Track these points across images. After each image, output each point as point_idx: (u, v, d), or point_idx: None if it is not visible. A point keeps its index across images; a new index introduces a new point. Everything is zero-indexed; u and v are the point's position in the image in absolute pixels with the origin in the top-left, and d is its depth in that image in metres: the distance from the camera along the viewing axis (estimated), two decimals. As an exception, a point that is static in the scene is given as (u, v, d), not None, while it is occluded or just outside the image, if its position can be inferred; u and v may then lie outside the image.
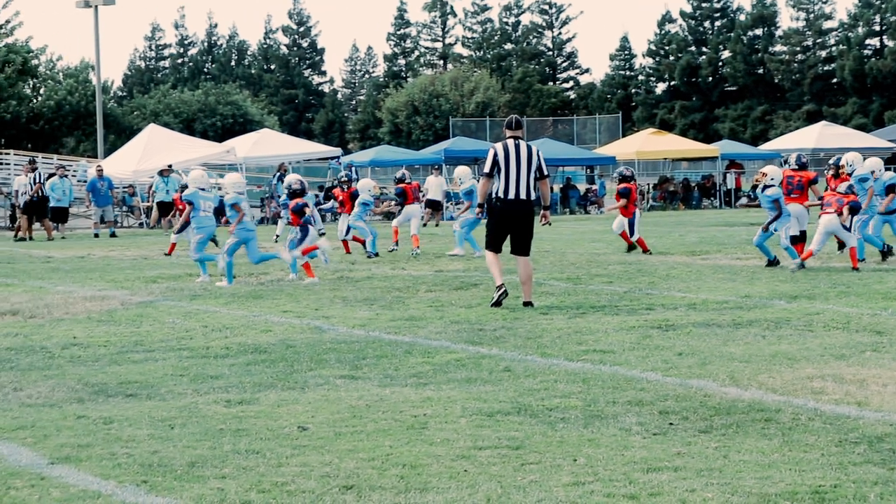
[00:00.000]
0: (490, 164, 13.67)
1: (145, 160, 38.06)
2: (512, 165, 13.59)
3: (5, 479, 6.21)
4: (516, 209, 13.66)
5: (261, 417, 7.71)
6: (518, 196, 13.61)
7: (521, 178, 13.60)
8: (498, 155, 13.64)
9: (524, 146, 13.76)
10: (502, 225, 13.75)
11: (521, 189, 13.62)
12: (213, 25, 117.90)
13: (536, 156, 13.79)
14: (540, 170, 13.83)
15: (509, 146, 13.67)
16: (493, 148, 13.82)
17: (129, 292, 15.97)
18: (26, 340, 11.44)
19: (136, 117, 75.13)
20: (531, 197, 13.75)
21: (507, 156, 13.61)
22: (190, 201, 18.10)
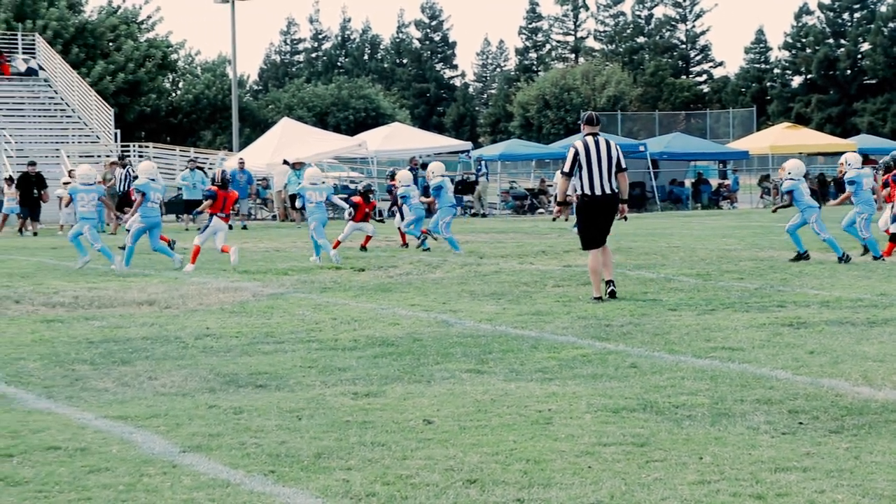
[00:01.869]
0: (570, 162, 13.87)
1: (279, 153, 38.57)
2: (594, 162, 13.77)
3: (139, 466, 6.36)
4: (602, 203, 13.87)
5: (387, 410, 7.77)
6: (603, 191, 13.82)
7: (602, 173, 13.80)
8: (579, 153, 13.82)
9: (603, 141, 13.94)
10: (594, 220, 13.94)
11: (605, 184, 13.83)
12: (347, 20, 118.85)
13: (616, 150, 13.99)
14: (619, 164, 13.97)
15: (589, 143, 13.85)
16: (574, 146, 13.97)
17: (261, 284, 16.21)
18: (161, 330, 11.69)
19: (271, 111, 76.30)
20: (614, 190, 13.95)
21: (588, 153, 13.80)
22: (142, 191, 19.11)
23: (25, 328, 11.95)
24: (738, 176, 51.07)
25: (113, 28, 64.24)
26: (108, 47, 63.97)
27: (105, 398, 8.28)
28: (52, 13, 60.95)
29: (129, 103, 62.64)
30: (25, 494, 5.84)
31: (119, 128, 48.59)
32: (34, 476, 6.14)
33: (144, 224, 19.25)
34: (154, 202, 19.28)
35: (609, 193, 13.86)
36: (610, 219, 14.06)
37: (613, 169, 13.87)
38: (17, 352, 10.37)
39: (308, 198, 20.35)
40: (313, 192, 20.34)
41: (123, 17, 65.41)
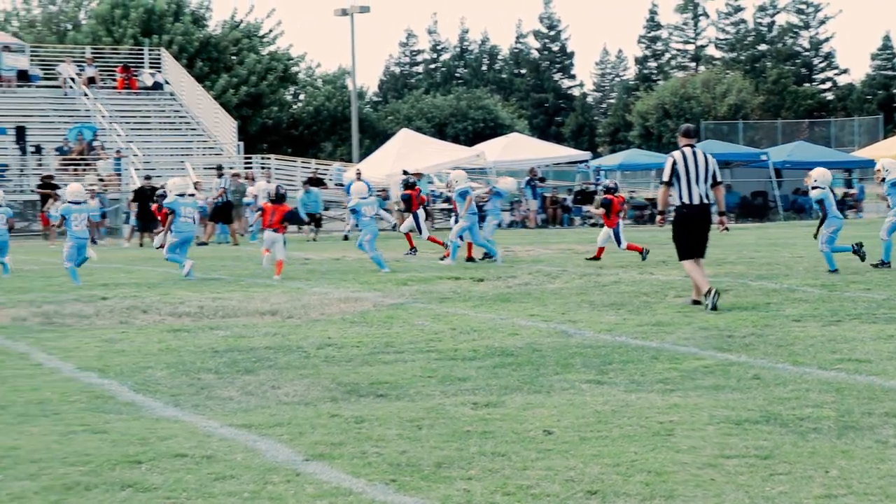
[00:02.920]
0: (669, 172, 14.12)
1: (398, 164, 38.82)
2: (691, 172, 14.02)
3: (263, 474, 6.45)
4: (699, 213, 14.08)
5: (507, 420, 7.77)
6: (701, 201, 14.06)
7: (699, 184, 14.03)
8: (677, 163, 14.07)
9: (700, 154, 14.23)
10: (690, 230, 14.16)
11: (701, 195, 14.06)
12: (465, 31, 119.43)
13: (712, 163, 14.24)
14: (714, 176, 14.19)
15: (687, 154, 14.12)
16: (672, 157, 14.20)
17: (382, 294, 16.33)
18: (284, 340, 11.84)
19: (390, 122, 76.84)
20: (710, 201, 14.17)
21: (686, 164, 14.05)
22: (171, 209, 19.81)
23: (153, 337, 12.20)
24: (863, 185, 50.05)
25: (236, 42, 65.33)
26: (231, 61, 65.07)
27: (230, 406, 8.41)
28: (178, 28, 62.20)
29: (251, 115, 63.62)
30: (154, 501, 5.96)
31: (242, 140, 49.35)
32: (162, 483, 6.26)
33: (178, 238, 19.90)
34: (187, 217, 20.00)
35: (705, 204, 14.09)
36: (705, 230, 14.24)
37: (710, 181, 14.12)
38: (145, 361, 10.59)
39: (363, 212, 21.22)
40: (367, 206, 21.36)
41: (246, 30, 66.48)
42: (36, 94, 48.04)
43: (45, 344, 11.82)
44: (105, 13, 63.23)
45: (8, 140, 42.80)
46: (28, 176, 41.31)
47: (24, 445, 7.12)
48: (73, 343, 11.87)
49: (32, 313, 14.46)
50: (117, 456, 6.83)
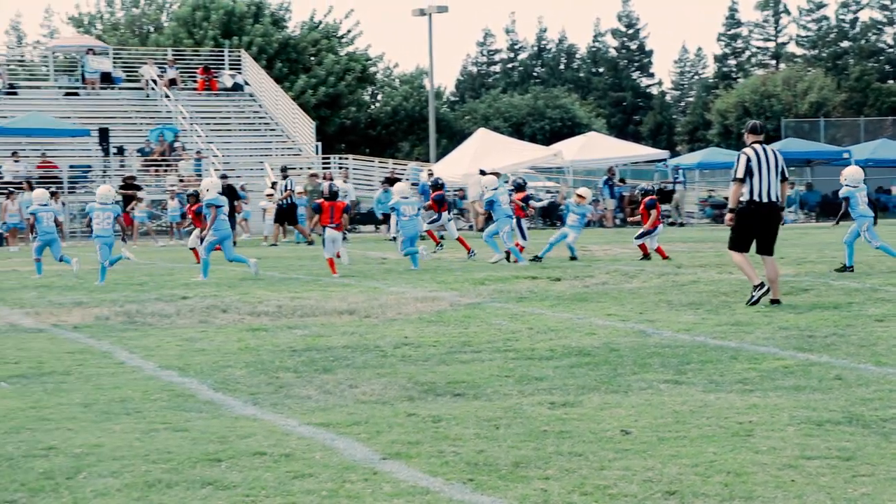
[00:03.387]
0: (743, 169, 14.20)
1: (476, 164, 38.84)
2: (763, 169, 14.15)
3: (341, 472, 6.48)
4: (766, 211, 14.23)
5: (584, 420, 7.75)
6: (770, 198, 14.18)
7: (770, 181, 14.16)
8: (751, 160, 14.18)
9: (770, 150, 14.36)
10: (751, 227, 14.30)
11: (771, 192, 14.18)
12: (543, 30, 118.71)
13: (781, 160, 14.41)
14: (783, 173, 14.37)
15: (759, 151, 14.25)
16: (745, 154, 14.30)
17: (458, 294, 16.34)
18: (361, 339, 11.90)
19: (468, 122, 76.89)
20: (778, 199, 14.32)
21: (758, 161, 14.16)
22: (218, 205, 20.04)
23: (232, 337, 12.31)
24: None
25: (314, 43, 65.73)
26: (310, 61, 65.49)
27: (308, 405, 8.47)
28: (257, 30, 62.72)
29: (329, 116, 63.98)
30: (234, 498, 6.01)
31: (320, 140, 49.65)
32: (242, 480, 6.32)
33: (217, 237, 20.12)
34: (225, 216, 20.30)
35: (774, 202, 14.24)
36: (772, 228, 14.35)
37: (778, 177, 14.28)
38: (225, 360, 10.69)
39: (402, 212, 21.87)
40: (407, 206, 21.88)
41: (324, 31, 66.87)
42: (119, 96, 48.71)
43: (127, 343, 11.98)
44: (186, 15, 63.93)
45: (91, 141, 43.42)
46: (110, 177, 41.88)
47: (107, 443, 7.23)
48: (154, 342, 12.02)
49: (115, 312, 14.67)
50: (198, 454, 6.90)
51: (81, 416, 8.15)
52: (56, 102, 47.30)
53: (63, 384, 9.49)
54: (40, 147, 42.83)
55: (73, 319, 14.18)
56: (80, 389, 9.22)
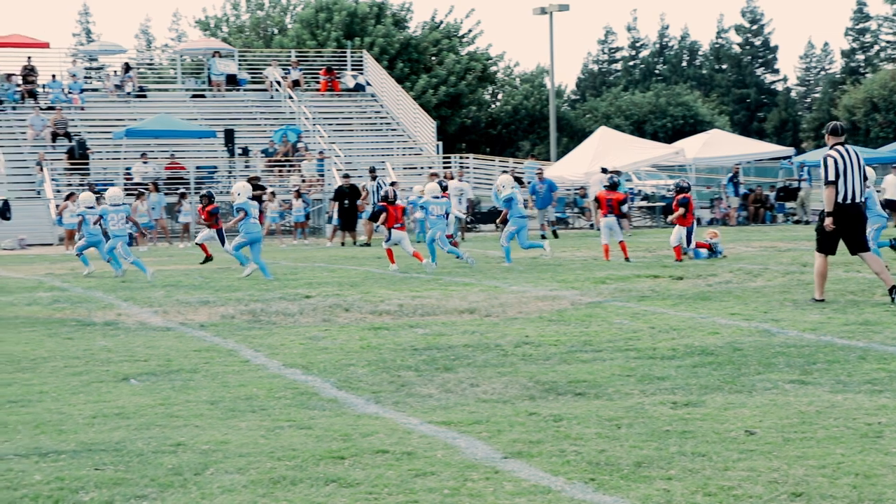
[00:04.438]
0: (834, 171, 14.18)
1: (596, 162, 38.66)
2: (849, 171, 14.18)
3: (463, 470, 6.51)
4: (853, 212, 14.25)
5: (707, 420, 7.67)
6: (854, 199, 14.20)
7: (855, 182, 14.19)
8: (839, 162, 14.18)
9: (853, 151, 14.38)
10: (838, 229, 14.28)
11: (857, 192, 14.20)
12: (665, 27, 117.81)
13: (862, 160, 14.48)
14: (864, 173, 14.47)
15: (843, 153, 14.27)
16: (832, 156, 14.26)
17: (579, 292, 16.29)
18: (482, 338, 11.92)
19: (588, 120, 76.54)
20: (863, 198, 14.41)
21: (844, 163, 14.19)
22: (244, 209, 20.71)
23: (354, 335, 12.43)
24: None
25: (435, 42, 66.00)
26: (431, 61, 65.77)
27: (429, 404, 8.51)
28: (379, 30, 63.18)
29: (450, 115, 64.20)
30: (357, 496, 6.07)
31: (440, 139, 49.83)
32: (365, 478, 6.38)
33: (247, 238, 20.72)
34: (255, 219, 21.00)
35: (859, 203, 14.27)
36: (859, 226, 14.36)
37: (861, 177, 14.34)
38: (347, 358, 10.79)
39: (431, 210, 22.35)
40: (436, 206, 22.36)
41: (445, 31, 67.11)
42: (244, 98, 49.44)
43: (252, 341, 12.16)
44: (309, 17, 64.66)
45: (217, 142, 44.15)
46: (235, 177, 42.52)
47: (233, 440, 7.35)
48: (278, 340, 12.18)
49: (240, 311, 14.90)
50: (321, 451, 6.98)
51: (208, 413, 8.29)
52: (183, 104, 48.18)
53: (190, 382, 9.67)
54: (168, 148, 43.66)
55: (199, 318, 14.44)
56: (207, 387, 9.38)
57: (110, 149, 43.39)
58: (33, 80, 46.56)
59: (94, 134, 44.49)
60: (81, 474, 6.52)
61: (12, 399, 8.93)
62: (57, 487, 6.25)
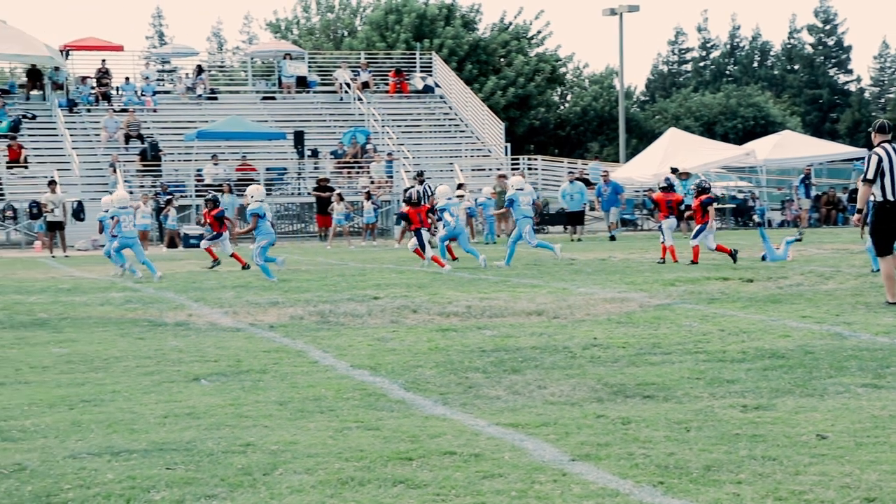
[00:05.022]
0: (874, 170, 14.07)
1: (666, 163, 38.45)
2: (894, 169, 14.04)
3: (530, 473, 6.50)
4: None
5: (777, 424, 7.60)
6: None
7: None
8: (882, 161, 14.06)
9: None
10: (889, 226, 14.19)
11: None
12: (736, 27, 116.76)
13: None
14: None
15: (889, 150, 14.14)
16: (876, 154, 14.14)
17: (648, 295, 16.20)
18: (550, 340, 11.89)
19: (658, 121, 76.15)
20: None
21: (889, 160, 14.05)
22: (257, 213, 21.06)
23: (422, 337, 12.45)
24: None
25: (504, 44, 65.99)
26: (500, 63, 65.78)
27: (497, 405, 8.51)
28: (448, 32, 63.28)
29: (518, 117, 64.16)
30: (425, 497, 6.08)
31: (509, 141, 49.81)
32: (432, 479, 6.39)
33: (266, 241, 21.16)
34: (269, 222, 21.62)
35: None
36: None
37: None
38: (415, 359, 10.81)
39: (451, 212, 23.54)
40: (455, 207, 23.67)
41: (514, 33, 67.07)
42: (314, 100, 49.74)
43: (320, 342, 12.22)
44: (379, 19, 64.92)
45: (287, 144, 44.43)
46: (305, 179, 42.79)
47: (301, 440, 7.39)
48: (346, 341, 12.23)
49: (309, 312, 14.98)
50: (389, 452, 7.00)
51: (277, 413, 8.35)
52: (253, 106, 48.55)
53: (260, 382, 9.74)
54: (239, 150, 44.01)
55: (268, 319, 14.54)
56: (276, 387, 9.44)
57: (182, 150, 43.83)
58: (107, 83, 47.16)
59: (166, 136, 44.97)
60: (153, 473, 6.59)
61: (86, 398, 9.05)
62: (129, 486, 6.32)
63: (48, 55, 45.56)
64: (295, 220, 43.19)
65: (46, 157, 42.23)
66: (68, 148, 42.18)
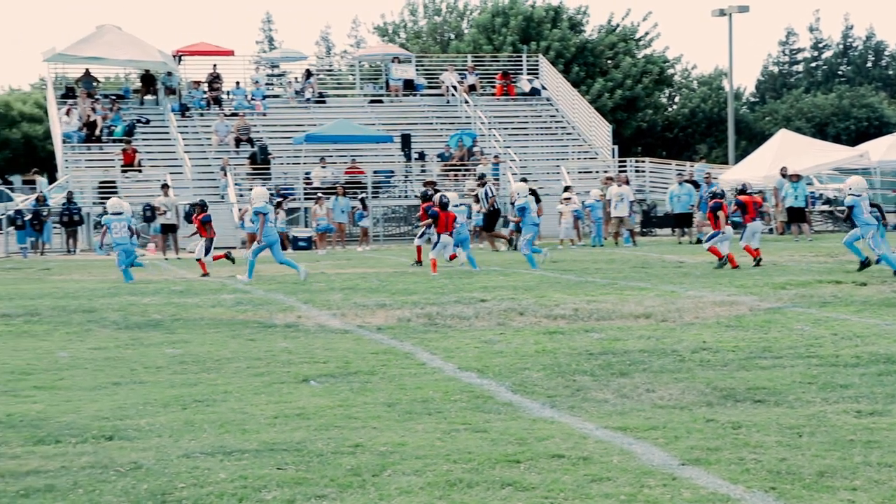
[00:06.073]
0: None
1: (776, 165, 37.92)
2: None
3: (639, 477, 6.46)
4: None
5: (893, 430, 7.46)
6: None
7: None
8: None
9: None
10: None
11: None
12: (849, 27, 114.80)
13: None
14: None
15: None
16: None
17: (758, 298, 16.01)
18: (658, 343, 11.81)
19: (768, 123, 75.17)
20: None
21: None
22: (264, 213, 21.69)
23: (529, 339, 12.44)
24: None
25: (612, 46, 65.64)
26: (607, 65, 65.44)
27: (605, 409, 8.47)
28: (555, 34, 63.12)
29: (626, 119, 63.76)
30: (533, 500, 6.08)
31: (616, 143, 49.54)
32: (540, 482, 6.38)
33: (265, 242, 21.77)
34: (272, 223, 22.16)
35: None
36: None
37: None
38: (522, 362, 10.81)
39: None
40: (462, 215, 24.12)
41: (622, 34, 66.68)
42: (420, 103, 49.92)
43: (428, 344, 12.27)
44: (486, 22, 64.97)
45: (394, 147, 44.66)
46: (411, 182, 42.97)
47: (409, 442, 7.43)
48: (453, 344, 12.27)
49: (416, 314, 15.04)
50: (497, 455, 7.01)
51: (385, 415, 8.40)
52: (361, 110, 48.87)
53: (368, 384, 9.81)
54: (346, 153, 44.36)
55: (376, 321, 14.63)
56: (384, 389, 9.51)
57: (290, 154, 44.28)
58: (218, 88, 47.85)
59: (275, 139, 45.47)
60: (264, 473, 6.67)
61: (198, 398, 9.19)
62: (241, 486, 6.41)
63: (161, 60, 46.35)
64: (402, 222, 43.40)
65: (160, 161, 42.94)
66: (180, 152, 42.86)
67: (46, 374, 10.68)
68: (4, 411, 8.72)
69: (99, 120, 43.61)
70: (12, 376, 10.54)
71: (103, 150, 42.85)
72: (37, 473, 6.78)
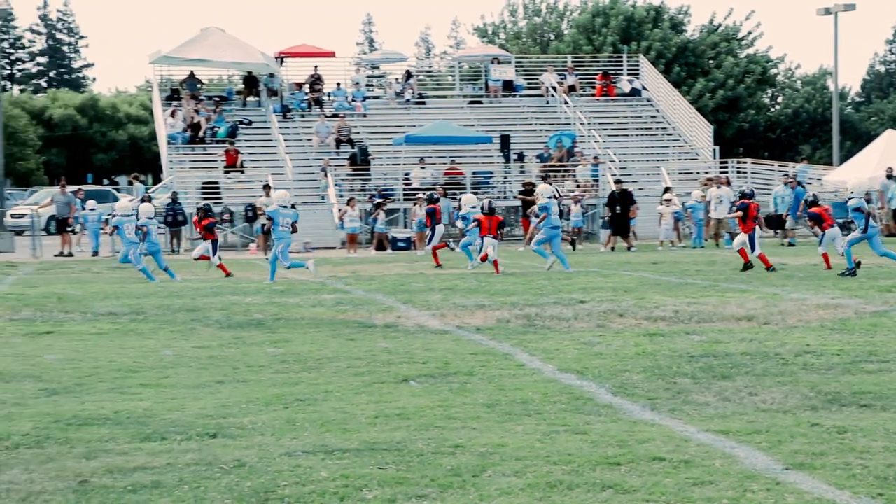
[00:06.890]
0: None
1: (882, 166, 37.28)
2: None
3: (742, 481, 6.40)
4: None
5: None
6: None
7: None
8: None
9: None
10: None
11: None
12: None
13: None
14: None
15: None
16: None
17: (863, 301, 15.76)
18: (761, 346, 11.68)
19: (874, 123, 73.95)
20: None
21: None
22: (270, 217, 22.35)
23: (629, 341, 12.37)
24: None
25: (713, 46, 65.05)
26: (709, 65, 64.86)
27: (706, 412, 8.40)
28: (656, 34, 62.71)
29: (727, 119, 63.13)
30: (634, 502, 6.06)
31: (717, 144, 49.04)
32: (641, 485, 6.35)
33: (283, 244, 22.21)
34: (284, 226, 22.24)
35: None
36: None
37: None
38: (622, 364, 10.76)
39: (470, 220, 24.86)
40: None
41: (724, 34, 66.05)
42: (520, 104, 49.86)
43: (527, 345, 12.27)
44: (586, 22, 64.75)
45: (493, 148, 44.67)
46: (510, 182, 42.93)
47: (509, 443, 7.43)
48: (553, 345, 12.24)
49: (515, 315, 15.04)
50: (597, 457, 6.99)
51: (485, 415, 8.42)
52: (460, 111, 48.93)
53: (467, 384, 9.83)
54: (446, 154, 44.46)
55: (475, 321, 14.65)
56: (484, 390, 9.52)
57: (390, 155, 44.48)
58: (319, 89, 48.21)
59: (375, 140, 45.70)
60: (365, 472, 6.72)
61: (300, 397, 9.28)
62: (342, 485, 6.47)
63: (264, 62, 46.83)
64: (501, 223, 43.37)
65: (261, 162, 43.38)
66: (282, 152, 43.26)
67: (152, 371, 10.87)
68: (112, 408, 8.89)
69: (202, 121, 44.19)
70: (119, 374, 10.74)
71: (206, 151, 43.40)
72: (143, 470, 6.90)
